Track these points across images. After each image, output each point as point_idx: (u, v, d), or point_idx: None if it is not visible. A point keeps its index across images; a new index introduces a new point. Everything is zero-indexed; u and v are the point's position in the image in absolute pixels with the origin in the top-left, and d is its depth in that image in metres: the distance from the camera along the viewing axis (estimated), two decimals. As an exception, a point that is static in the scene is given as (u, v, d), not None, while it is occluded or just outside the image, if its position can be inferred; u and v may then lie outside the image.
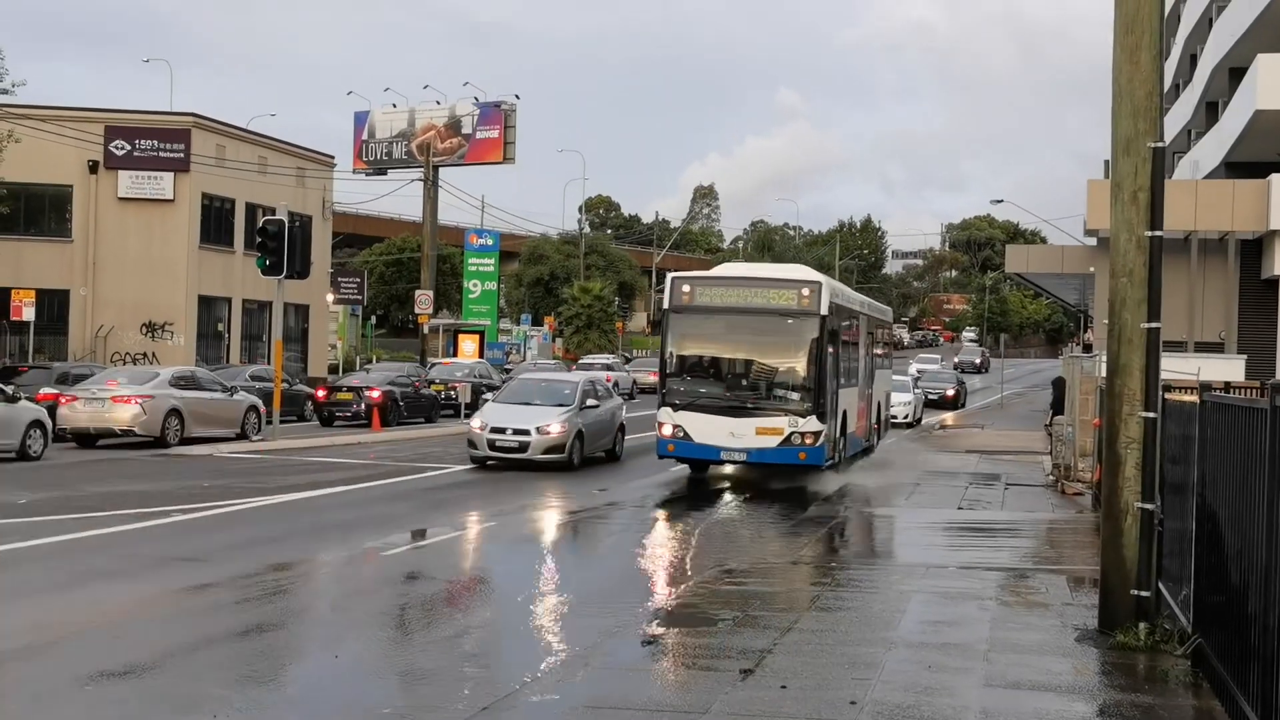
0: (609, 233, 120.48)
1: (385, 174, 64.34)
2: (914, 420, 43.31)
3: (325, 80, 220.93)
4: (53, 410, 26.42)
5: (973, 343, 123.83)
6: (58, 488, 19.77)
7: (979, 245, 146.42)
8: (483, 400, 32.41)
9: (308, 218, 45.72)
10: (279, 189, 45.76)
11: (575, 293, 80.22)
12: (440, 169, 57.51)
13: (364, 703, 8.59)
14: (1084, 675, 9.63)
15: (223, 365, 41.40)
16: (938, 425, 44.22)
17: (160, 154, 43.75)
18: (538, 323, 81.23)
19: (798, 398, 21.38)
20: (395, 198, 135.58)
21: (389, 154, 64.16)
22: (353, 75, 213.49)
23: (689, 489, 22.78)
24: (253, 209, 45.60)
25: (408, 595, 12.72)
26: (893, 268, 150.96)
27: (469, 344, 60.33)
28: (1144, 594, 10.50)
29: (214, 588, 12.33)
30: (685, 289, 22.01)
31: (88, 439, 27.27)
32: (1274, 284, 34.41)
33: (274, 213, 31.56)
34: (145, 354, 42.99)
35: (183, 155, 43.73)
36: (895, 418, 37.86)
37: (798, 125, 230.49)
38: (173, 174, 43.70)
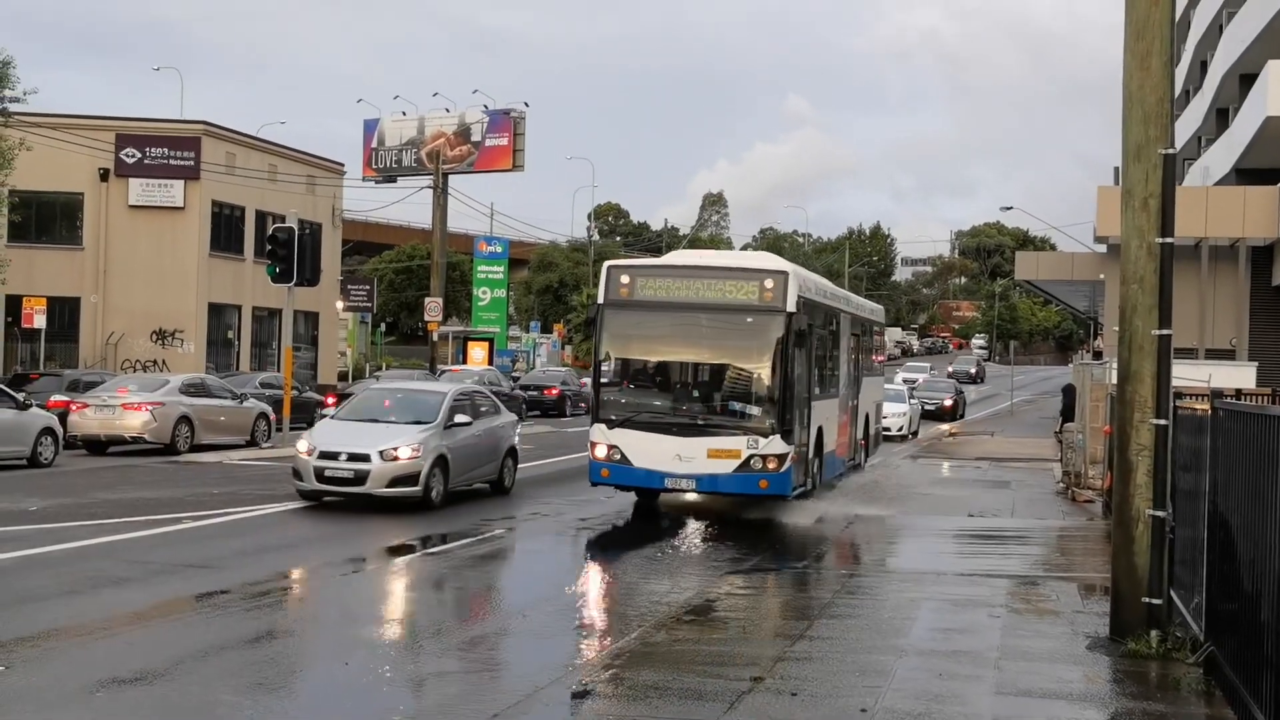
0: (618, 240, 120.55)
1: (395, 181, 64.42)
2: (910, 433, 40.44)
3: (334, 89, 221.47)
4: (64, 417, 26.49)
5: (981, 349, 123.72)
6: (68, 494, 19.80)
7: (988, 252, 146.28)
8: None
9: (317, 225, 45.44)
10: (289, 197, 45.84)
11: (584, 300, 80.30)
12: (449, 176, 57.55)
13: (375, 710, 8.58)
14: (1095, 683, 9.60)
15: (233, 372, 41.44)
16: (946, 434, 44.08)
17: (170, 162, 43.85)
18: (547, 330, 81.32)
19: (759, 412, 17.65)
20: (405, 205, 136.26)
21: (398, 161, 64.25)
22: (362, 84, 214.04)
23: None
24: (263, 216, 45.69)
25: (420, 603, 12.71)
26: (902, 275, 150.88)
27: (478, 351, 60.40)
28: (1156, 601, 10.47)
29: (224, 594, 12.34)
30: (624, 280, 18.28)
31: (98, 446, 27.32)
32: (1285, 291, 34.31)
33: (284, 220, 31.65)
34: (155, 361, 43.07)
35: (193, 163, 43.83)
36: (889, 430, 35.35)
37: (807, 132, 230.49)
38: (183, 182, 43.79)
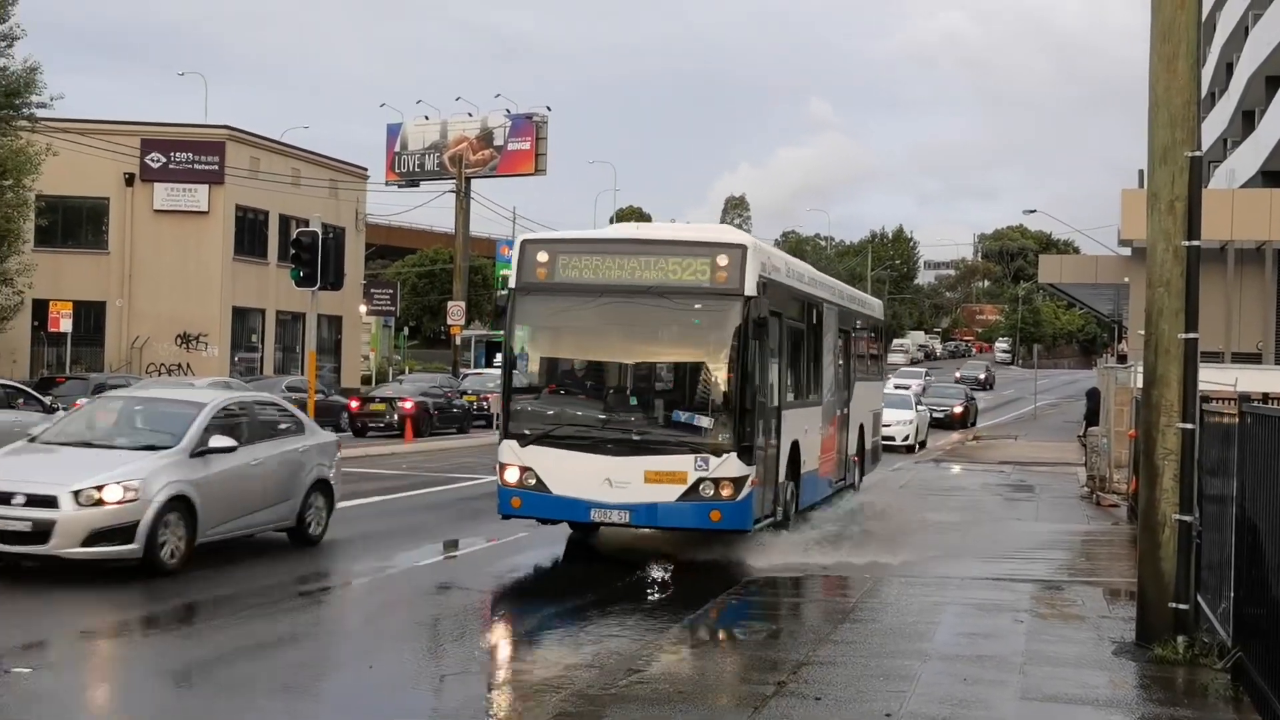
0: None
1: (417, 186, 64.56)
2: (918, 443, 36.98)
3: (357, 94, 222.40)
4: (89, 421, 26.58)
5: (1005, 353, 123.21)
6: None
7: (1012, 255, 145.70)
8: None
9: (341, 229, 45.94)
10: (312, 201, 46.06)
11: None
12: (472, 180, 57.67)
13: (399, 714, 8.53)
14: (1121, 689, 9.55)
15: (258, 377, 41.63)
16: (969, 438, 43.89)
17: (195, 166, 44.10)
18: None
19: (710, 424, 13.98)
20: (427, 209, 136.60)
21: (421, 166, 64.41)
22: (385, 89, 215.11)
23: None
24: (286, 221, 45.89)
25: (442, 606, 12.72)
26: (925, 278, 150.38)
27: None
28: (1182, 607, 10.40)
29: (249, 597, 12.37)
30: (542, 258, 14.66)
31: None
32: (1312, 294, 34.10)
33: (307, 224, 31.73)
34: (180, 365, 43.31)
35: (217, 167, 44.08)
36: (893, 439, 32.95)
37: (829, 135, 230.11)
38: (207, 186, 44.04)
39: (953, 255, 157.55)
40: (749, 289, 14.10)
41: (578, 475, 14.08)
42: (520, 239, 15.26)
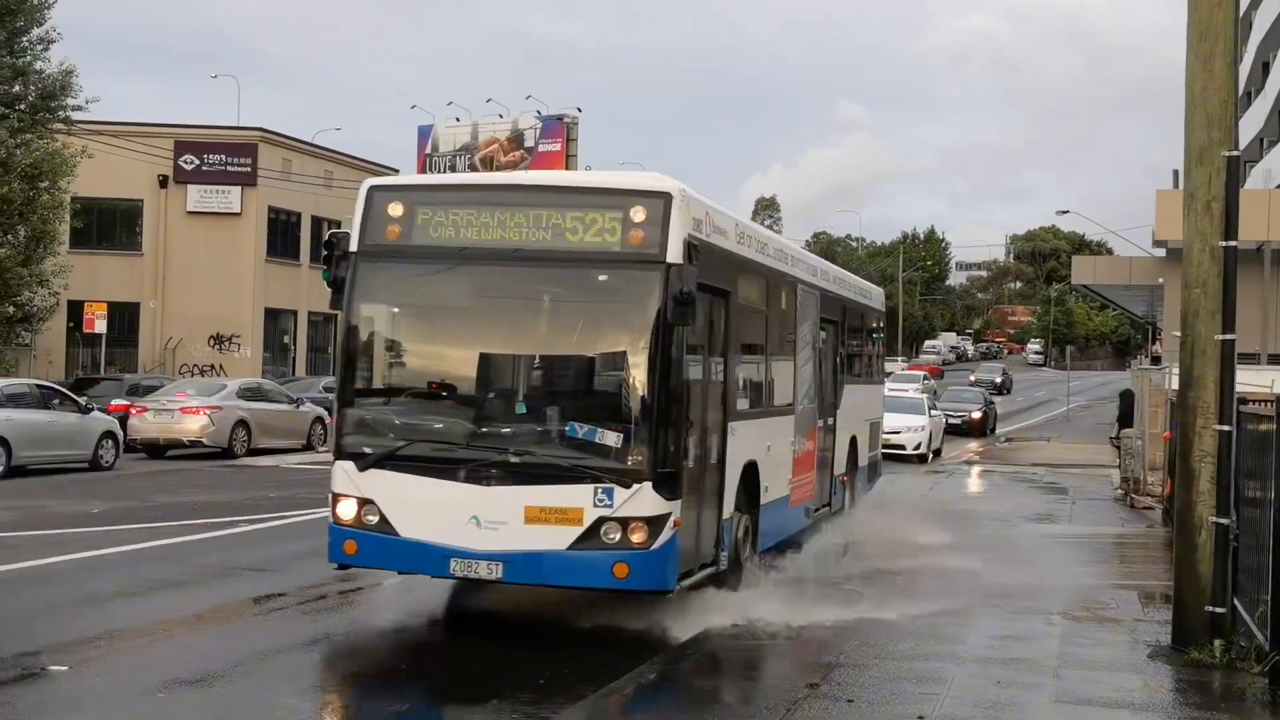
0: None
1: (448, 187, 64.73)
2: (930, 451, 33.11)
3: (388, 97, 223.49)
4: (124, 421, 26.87)
5: (1037, 354, 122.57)
6: (128, 498, 20.07)
7: (1044, 256, 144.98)
8: None
9: (372, 231, 46.11)
10: (344, 202, 46.13)
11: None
12: (503, 182, 57.80)
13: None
14: (1157, 692, 9.47)
15: (290, 378, 41.87)
16: (997, 441, 43.61)
17: (228, 168, 44.39)
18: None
19: (617, 441, 10.21)
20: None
21: (452, 167, 64.51)
22: (416, 92, 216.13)
23: None
24: (318, 222, 46.17)
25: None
26: (956, 279, 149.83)
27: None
28: (1219, 610, 10.32)
29: (281, 597, 12.44)
30: (395, 211, 10.96)
31: (157, 449, 27.69)
32: (1349, 295, 33.76)
33: (340, 226, 31.90)
34: (213, 366, 43.60)
35: (250, 169, 44.35)
36: (902, 448, 30.50)
37: (860, 136, 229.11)
38: (240, 188, 44.32)
39: (984, 256, 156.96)
40: (673, 254, 10.18)
41: (435, 511, 10.30)
42: (366, 185, 11.19)
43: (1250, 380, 15.96)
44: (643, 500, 10.02)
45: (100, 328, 38.58)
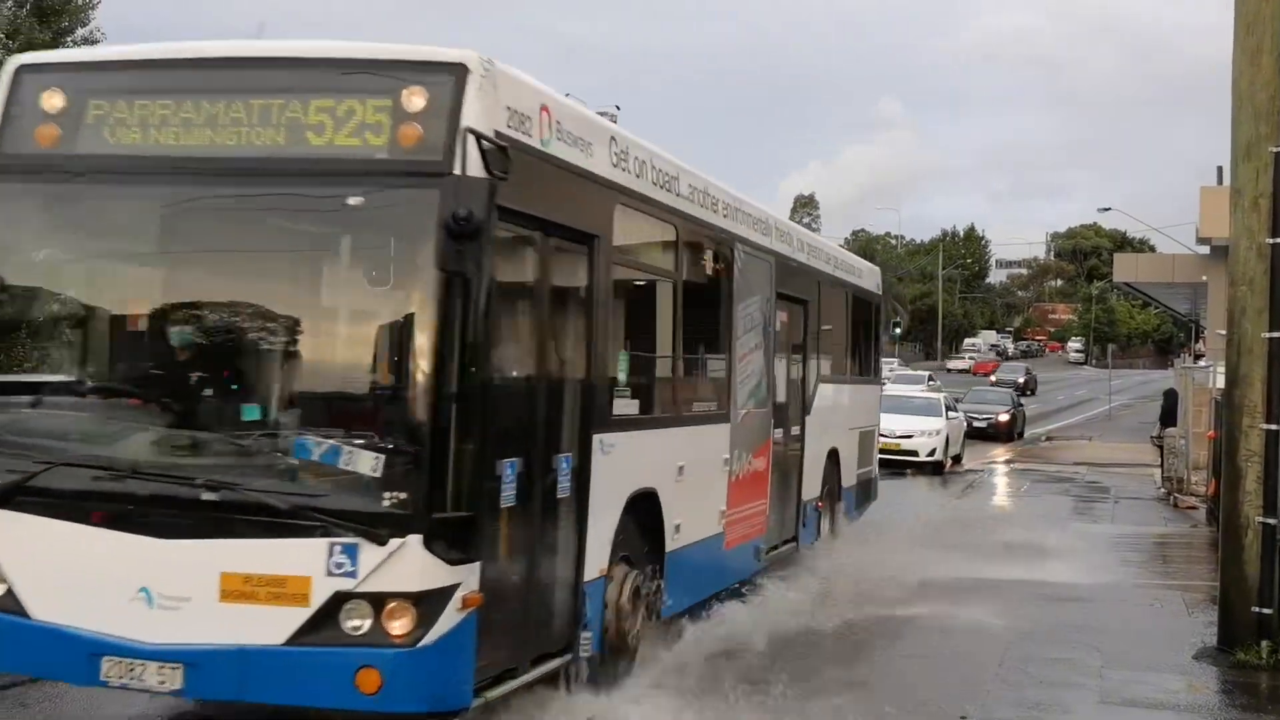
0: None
1: (487, 185, 64.97)
2: (950, 458, 29.15)
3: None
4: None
5: (1078, 353, 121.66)
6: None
7: (1085, 254, 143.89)
8: None
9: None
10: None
11: None
12: (541, 180, 57.96)
13: None
14: (1203, 694, 9.39)
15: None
16: (1043, 438, 43.23)
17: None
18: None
19: (370, 466, 6.12)
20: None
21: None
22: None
23: None
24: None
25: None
26: (996, 277, 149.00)
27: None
28: (1266, 611, 10.21)
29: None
30: (51, 103, 6.83)
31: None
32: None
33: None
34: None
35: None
36: (914, 454, 27.20)
37: (899, 134, 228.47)
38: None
39: (1025, 254, 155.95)
40: (464, 161, 6.23)
41: (82, 579, 6.46)
42: (13, 63, 7.13)
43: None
44: (406, 564, 6.11)
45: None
